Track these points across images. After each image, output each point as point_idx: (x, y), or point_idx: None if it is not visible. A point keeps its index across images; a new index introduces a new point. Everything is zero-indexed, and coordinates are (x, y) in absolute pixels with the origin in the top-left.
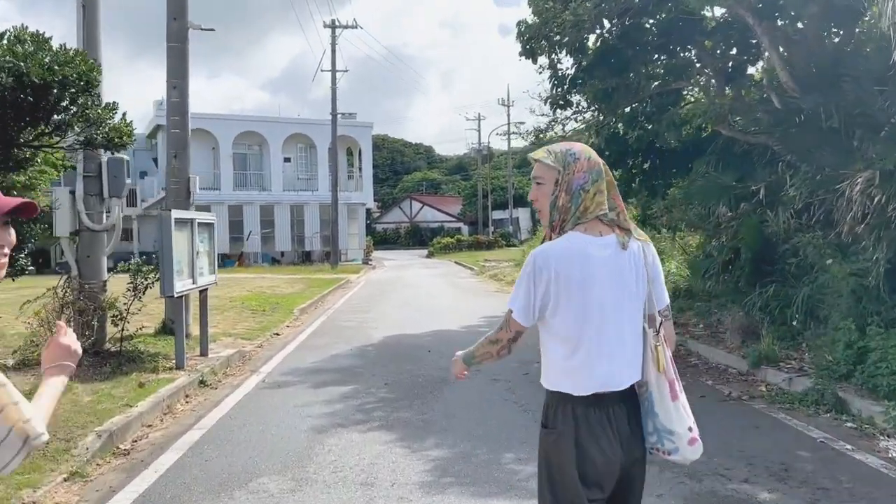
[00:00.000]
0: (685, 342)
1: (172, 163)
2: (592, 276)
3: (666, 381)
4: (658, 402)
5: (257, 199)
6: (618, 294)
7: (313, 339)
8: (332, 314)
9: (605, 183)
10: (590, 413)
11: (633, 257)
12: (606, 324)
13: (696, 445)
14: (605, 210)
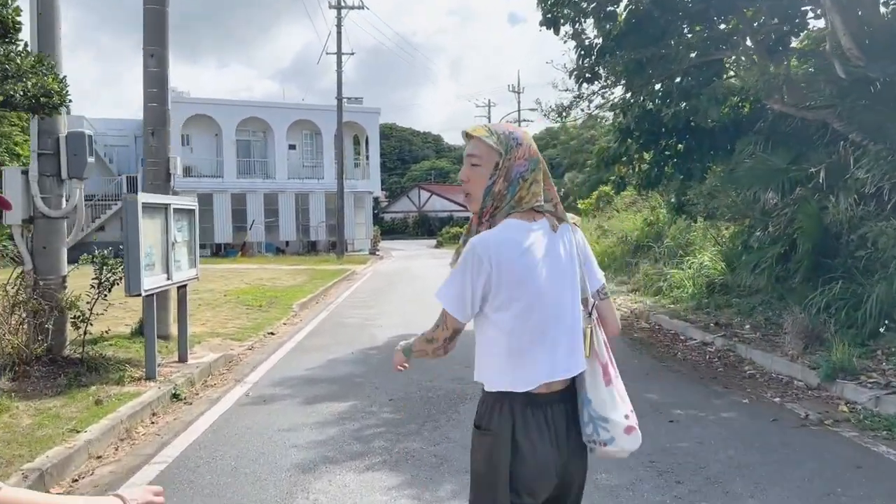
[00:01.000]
0: (734, 346)
1: (149, 141)
2: (533, 263)
3: (599, 365)
4: (591, 387)
5: (261, 187)
6: (558, 279)
7: (311, 339)
8: (334, 309)
9: (542, 173)
10: (527, 413)
11: (566, 240)
12: (549, 312)
13: (633, 434)
14: (541, 202)
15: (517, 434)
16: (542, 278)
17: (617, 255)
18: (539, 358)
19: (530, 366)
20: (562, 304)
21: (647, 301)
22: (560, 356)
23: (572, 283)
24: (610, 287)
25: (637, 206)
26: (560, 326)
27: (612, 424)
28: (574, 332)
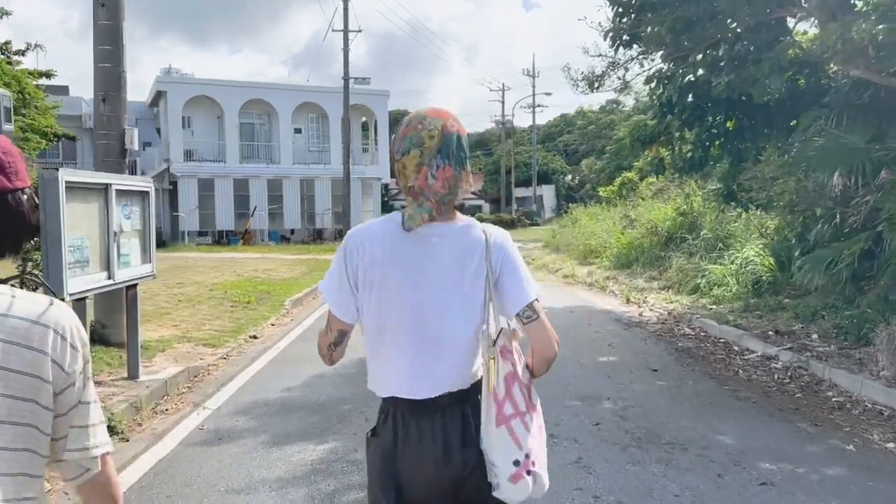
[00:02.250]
0: (805, 363)
1: (100, 109)
2: (398, 264)
3: (493, 402)
4: (484, 425)
5: (265, 172)
6: (431, 286)
7: (298, 345)
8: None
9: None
10: (411, 420)
11: (464, 246)
12: (412, 322)
13: (519, 484)
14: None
15: (398, 440)
16: (407, 283)
17: (645, 248)
18: (398, 368)
19: (390, 374)
20: (426, 314)
21: (683, 300)
22: (423, 371)
23: (452, 296)
24: (638, 283)
25: (668, 194)
26: (423, 338)
27: (498, 471)
28: (442, 349)
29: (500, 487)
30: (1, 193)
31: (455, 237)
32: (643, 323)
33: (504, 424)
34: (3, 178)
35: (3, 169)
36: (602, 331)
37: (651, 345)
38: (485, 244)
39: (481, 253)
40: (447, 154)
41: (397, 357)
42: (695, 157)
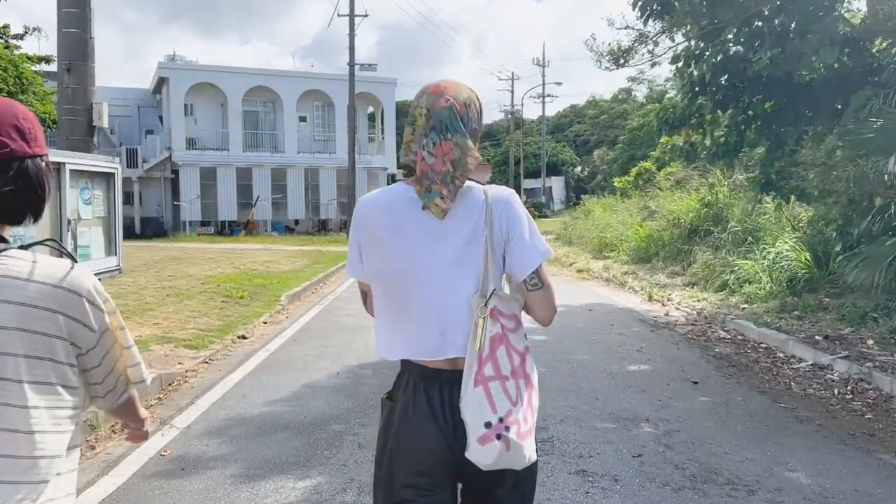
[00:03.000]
0: (869, 375)
1: (64, 80)
2: (398, 229)
3: (476, 362)
4: (464, 383)
5: (269, 161)
6: (430, 253)
7: (290, 348)
8: (330, 302)
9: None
10: (419, 386)
11: (463, 212)
12: (413, 286)
13: (487, 446)
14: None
15: (409, 405)
16: (405, 248)
17: (665, 241)
18: (404, 332)
19: (397, 337)
20: (429, 280)
21: (711, 298)
22: (425, 336)
23: (452, 262)
24: (659, 279)
25: (691, 184)
26: (425, 304)
27: (469, 428)
28: (445, 315)
29: (470, 448)
30: (20, 158)
31: (456, 203)
32: (671, 324)
33: (482, 385)
34: (23, 144)
35: (22, 134)
36: (627, 333)
37: (684, 350)
38: (484, 204)
39: (480, 214)
40: (441, 129)
41: (403, 321)
42: (729, 141)
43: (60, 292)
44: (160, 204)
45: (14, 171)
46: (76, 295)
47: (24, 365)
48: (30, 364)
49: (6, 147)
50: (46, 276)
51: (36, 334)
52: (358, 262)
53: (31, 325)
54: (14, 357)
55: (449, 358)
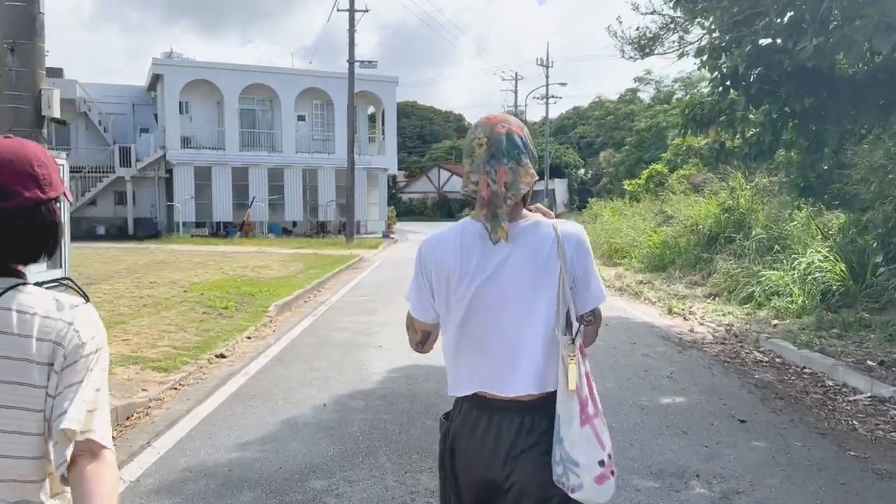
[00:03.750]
0: None
1: (8, 61)
2: (475, 267)
3: (577, 401)
4: (565, 425)
5: (266, 160)
6: (505, 289)
7: (272, 370)
8: (323, 313)
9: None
10: (472, 413)
11: (535, 247)
12: (488, 323)
13: (605, 484)
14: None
15: (463, 432)
16: (480, 286)
17: (682, 248)
18: (477, 367)
19: (468, 374)
20: (503, 316)
21: (736, 312)
22: (496, 372)
23: (527, 298)
24: (677, 289)
25: (710, 187)
26: (499, 340)
27: (583, 470)
28: (518, 351)
29: (584, 488)
30: (36, 205)
31: (524, 236)
32: (698, 343)
33: (588, 424)
34: (37, 191)
35: (37, 182)
36: (652, 354)
37: (720, 377)
38: (555, 240)
39: (551, 250)
40: (499, 156)
41: (476, 361)
42: (763, 141)
43: (62, 325)
44: (154, 204)
45: (26, 219)
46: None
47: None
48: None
49: (20, 196)
50: (53, 312)
51: (44, 366)
52: (427, 302)
53: (42, 358)
54: (36, 388)
55: (519, 394)
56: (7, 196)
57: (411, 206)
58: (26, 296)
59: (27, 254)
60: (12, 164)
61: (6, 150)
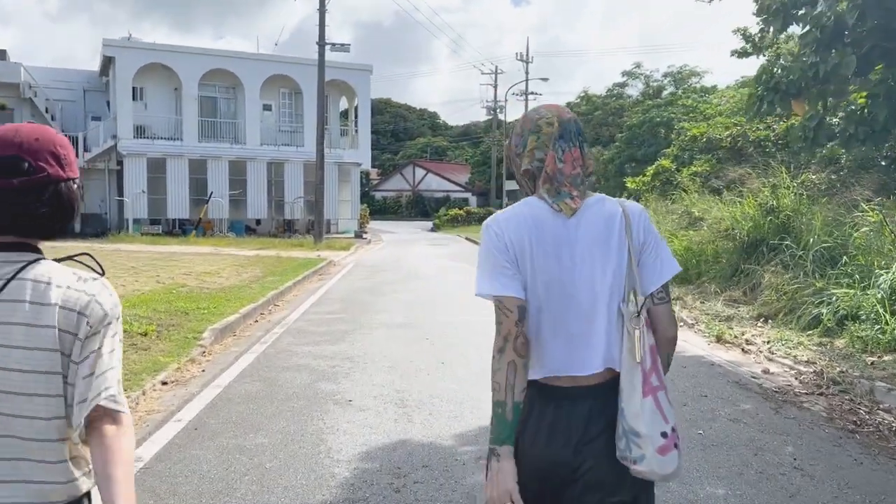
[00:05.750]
0: None
1: None
2: (550, 245)
3: (640, 372)
4: (627, 397)
5: (227, 153)
6: (586, 266)
7: (177, 455)
8: (275, 342)
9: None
10: (536, 402)
11: (603, 222)
12: (568, 301)
13: (668, 456)
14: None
15: (527, 425)
16: (558, 264)
17: (711, 256)
18: (550, 349)
19: (542, 356)
20: (577, 293)
21: (805, 342)
22: (572, 352)
23: (603, 275)
24: (715, 307)
25: (748, 185)
26: (578, 319)
27: (645, 441)
28: (593, 327)
29: (646, 459)
30: (56, 182)
31: (591, 212)
32: (788, 392)
33: (651, 396)
34: (58, 169)
35: (58, 160)
36: (741, 416)
37: (868, 464)
38: (622, 216)
39: (620, 225)
40: (569, 138)
41: (549, 341)
42: (877, 116)
43: (82, 295)
44: (103, 199)
45: (49, 193)
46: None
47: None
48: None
49: (44, 171)
50: (72, 284)
51: (66, 333)
52: (511, 275)
53: (63, 326)
54: (59, 354)
55: (597, 372)
56: (34, 170)
57: (385, 205)
58: (47, 269)
59: (47, 229)
60: (39, 142)
61: (32, 131)
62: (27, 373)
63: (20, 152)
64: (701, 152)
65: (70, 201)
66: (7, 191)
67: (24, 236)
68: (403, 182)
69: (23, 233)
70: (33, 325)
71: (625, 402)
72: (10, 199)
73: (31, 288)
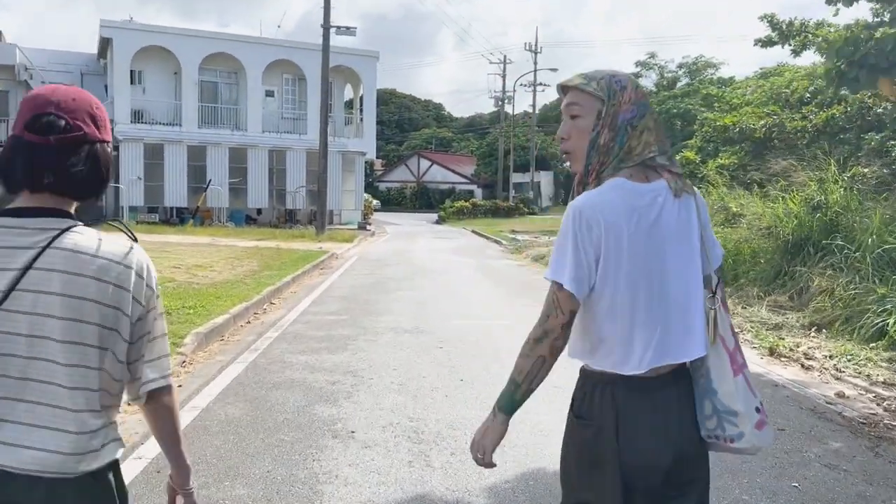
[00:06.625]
0: None
1: None
2: (643, 230)
3: (725, 352)
4: (717, 377)
5: (228, 139)
6: (674, 250)
7: None
8: (267, 349)
9: (653, 120)
10: (632, 399)
11: (686, 207)
12: (658, 288)
13: (764, 430)
14: (654, 152)
15: (622, 423)
16: (652, 249)
17: (747, 256)
18: (645, 339)
19: (636, 347)
20: (674, 279)
21: (872, 357)
22: (671, 338)
23: (690, 257)
24: (761, 313)
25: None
26: (671, 305)
27: (742, 418)
28: (688, 311)
29: (746, 436)
30: (92, 142)
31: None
32: (874, 423)
33: (740, 373)
34: (94, 129)
35: (95, 121)
36: (827, 455)
37: None
38: (693, 196)
39: (695, 206)
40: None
41: (651, 330)
42: None
43: (121, 268)
44: None
45: (86, 153)
46: (134, 272)
47: (99, 333)
48: (101, 333)
49: (81, 130)
50: (111, 253)
51: (106, 306)
52: (585, 274)
53: (102, 298)
54: (92, 325)
55: (699, 356)
56: (71, 129)
57: (389, 196)
58: (82, 237)
59: (82, 189)
60: (76, 102)
61: (69, 91)
62: (63, 343)
63: (57, 110)
64: (726, 143)
65: (106, 163)
66: (44, 147)
67: (59, 195)
68: (408, 173)
69: (59, 191)
70: (70, 295)
71: (716, 382)
72: (47, 157)
73: (67, 257)
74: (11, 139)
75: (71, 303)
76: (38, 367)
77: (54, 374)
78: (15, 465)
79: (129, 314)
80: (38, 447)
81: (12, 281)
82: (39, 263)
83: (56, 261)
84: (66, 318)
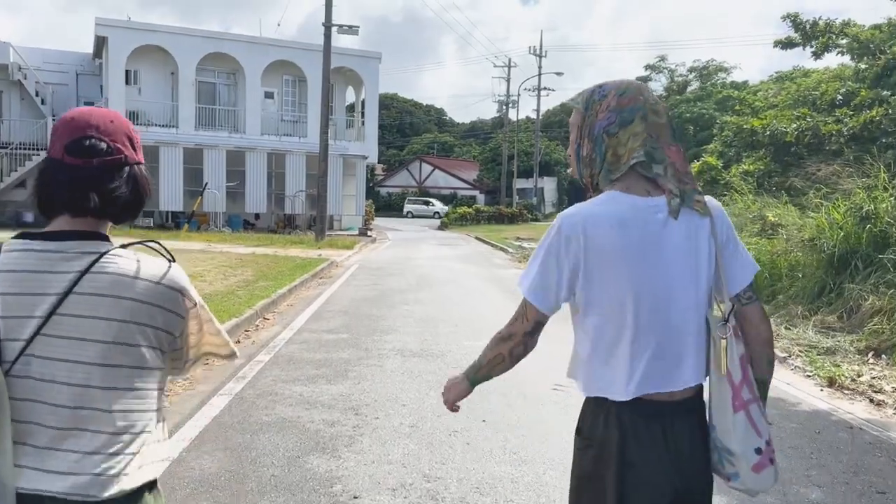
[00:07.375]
0: None
1: None
2: (634, 247)
3: (728, 386)
4: (717, 411)
5: (225, 142)
6: (675, 271)
7: None
8: (257, 375)
9: (649, 126)
10: (639, 424)
11: (695, 225)
12: (657, 310)
13: (763, 473)
14: (637, 157)
15: (626, 449)
16: (647, 269)
17: (783, 270)
18: (630, 364)
19: (626, 372)
20: (672, 303)
21: None
22: (662, 364)
23: (693, 280)
24: (808, 334)
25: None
26: (666, 330)
27: (738, 459)
28: (685, 338)
29: (741, 477)
30: (130, 164)
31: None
32: None
33: (743, 410)
34: (132, 151)
35: (132, 143)
36: None
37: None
38: (710, 216)
39: (707, 225)
40: (674, 136)
41: (639, 354)
42: None
43: (162, 289)
44: None
45: (126, 175)
46: (175, 291)
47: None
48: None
49: (121, 153)
50: (150, 275)
51: (147, 327)
52: (551, 287)
53: (143, 319)
54: (138, 348)
55: (687, 388)
56: (113, 151)
57: (390, 201)
58: (123, 259)
59: (123, 212)
60: (114, 124)
61: (107, 114)
62: (103, 367)
63: (98, 133)
64: (749, 147)
65: (144, 185)
66: (87, 170)
67: (99, 218)
68: (409, 178)
69: (100, 215)
70: (112, 319)
71: (715, 418)
72: (89, 180)
73: (108, 281)
74: (49, 162)
75: (112, 325)
76: (78, 392)
77: (94, 398)
78: (60, 492)
79: (174, 333)
80: (76, 472)
81: (52, 306)
82: (80, 288)
83: (97, 285)
84: (107, 341)
